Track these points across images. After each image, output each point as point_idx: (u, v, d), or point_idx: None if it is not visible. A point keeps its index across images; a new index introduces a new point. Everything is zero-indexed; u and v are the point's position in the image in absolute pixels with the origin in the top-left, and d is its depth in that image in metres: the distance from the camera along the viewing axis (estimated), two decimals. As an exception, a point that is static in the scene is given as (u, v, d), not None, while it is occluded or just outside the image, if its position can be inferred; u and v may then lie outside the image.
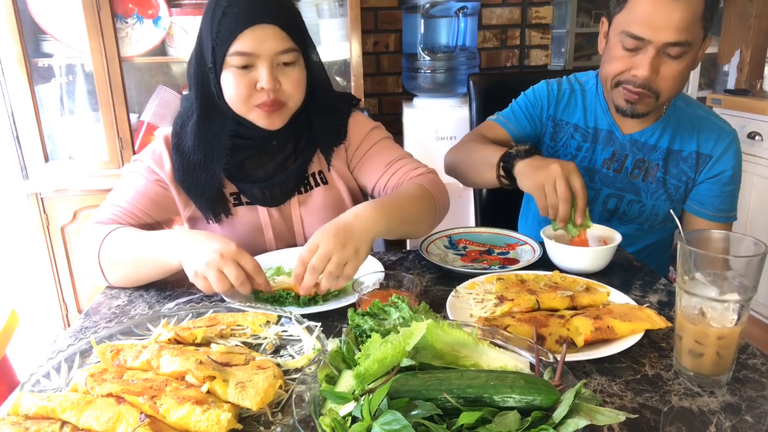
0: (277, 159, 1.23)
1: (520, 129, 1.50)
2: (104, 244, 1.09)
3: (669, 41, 1.19)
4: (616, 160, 1.42)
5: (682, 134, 1.38)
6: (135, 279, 1.12)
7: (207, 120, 1.16)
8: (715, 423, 0.71)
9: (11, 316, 1.22)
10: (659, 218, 1.43)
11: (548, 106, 1.49)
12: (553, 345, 0.84)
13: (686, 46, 1.20)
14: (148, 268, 1.09)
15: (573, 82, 1.49)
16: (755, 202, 2.73)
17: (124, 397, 0.70)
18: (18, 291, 2.48)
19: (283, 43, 1.09)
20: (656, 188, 1.40)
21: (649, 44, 1.20)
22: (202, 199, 1.20)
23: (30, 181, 2.31)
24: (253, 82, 1.10)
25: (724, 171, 1.36)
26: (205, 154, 1.17)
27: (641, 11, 1.20)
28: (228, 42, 1.07)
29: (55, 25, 2.22)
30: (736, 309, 0.75)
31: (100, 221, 1.17)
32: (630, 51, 1.24)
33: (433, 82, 2.51)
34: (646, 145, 1.40)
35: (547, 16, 2.80)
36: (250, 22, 1.06)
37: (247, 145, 1.20)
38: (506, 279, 1.05)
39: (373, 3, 2.66)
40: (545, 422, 0.58)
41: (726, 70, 3.27)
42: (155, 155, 1.22)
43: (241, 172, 1.22)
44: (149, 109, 2.41)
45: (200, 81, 1.15)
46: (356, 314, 0.74)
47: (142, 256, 1.07)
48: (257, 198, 1.24)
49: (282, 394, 0.75)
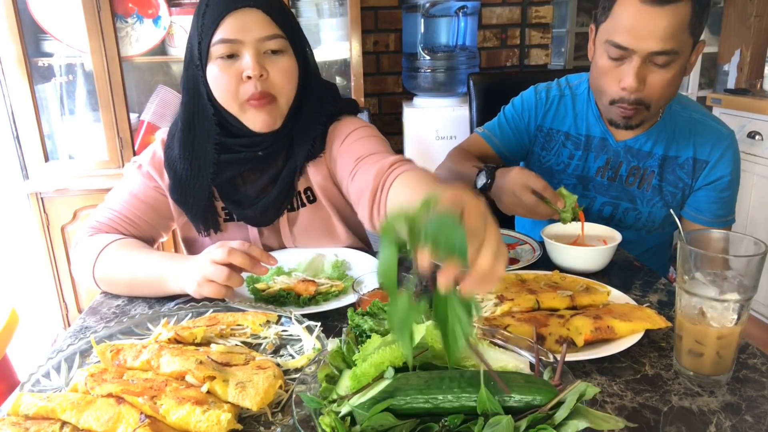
0: (270, 173, 1.18)
1: (504, 143, 1.49)
2: (99, 260, 1.08)
3: (654, 50, 1.15)
4: (611, 168, 1.39)
5: (678, 140, 1.35)
6: (128, 294, 1.11)
7: (191, 129, 1.13)
8: (715, 423, 0.71)
9: (11, 315, 1.22)
10: (656, 224, 1.41)
11: (536, 116, 1.46)
12: (553, 345, 0.84)
13: (673, 54, 1.16)
14: (144, 290, 1.07)
15: (563, 86, 1.46)
16: (755, 202, 2.72)
17: (124, 398, 0.70)
18: (18, 291, 2.48)
19: (267, 29, 1.05)
20: (652, 195, 1.38)
21: (634, 54, 1.17)
22: (193, 210, 1.18)
23: (30, 180, 2.31)
24: (238, 72, 1.05)
25: (721, 177, 1.33)
26: (191, 164, 1.14)
27: (625, 20, 1.16)
28: (211, 31, 1.04)
29: (55, 25, 2.23)
30: (736, 309, 0.75)
31: (96, 225, 1.16)
32: (615, 61, 1.20)
33: (433, 82, 2.51)
34: (640, 152, 1.36)
35: (547, 15, 2.80)
36: (231, 7, 1.04)
37: (232, 160, 1.14)
38: (506, 279, 1.04)
39: (373, 3, 2.66)
40: (545, 422, 0.58)
41: (726, 69, 3.27)
42: (155, 160, 1.20)
43: (231, 188, 1.19)
44: (149, 109, 2.41)
45: (190, 85, 1.12)
46: (356, 314, 0.74)
47: (139, 278, 1.06)
48: (247, 217, 1.21)
49: (282, 394, 0.75)
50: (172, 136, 1.18)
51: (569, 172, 1.43)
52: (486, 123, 1.55)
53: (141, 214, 1.18)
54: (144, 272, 1.05)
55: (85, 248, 1.11)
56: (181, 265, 1.00)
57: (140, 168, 1.21)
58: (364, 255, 1.21)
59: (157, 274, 1.03)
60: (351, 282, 1.05)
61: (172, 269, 1.01)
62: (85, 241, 1.13)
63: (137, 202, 1.18)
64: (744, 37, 3.14)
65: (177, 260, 1.02)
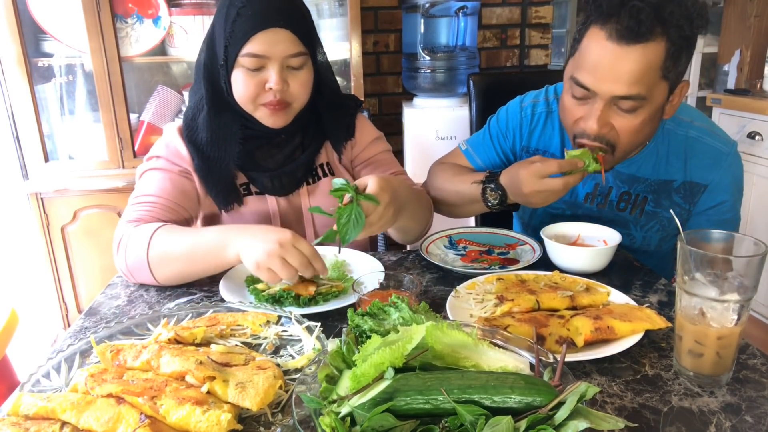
0: (286, 150, 1.27)
1: (486, 161, 1.42)
2: (153, 241, 1.08)
3: (617, 95, 1.05)
4: (599, 194, 1.31)
5: (673, 162, 1.25)
6: (186, 275, 1.11)
7: (218, 112, 1.20)
8: (715, 423, 0.71)
9: (11, 316, 1.22)
10: (652, 247, 1.34)
11: (521, 137, 1.37)
12: (553, 345, 0.84)
13: (639, 99, 1.05)
14: (202, 264, 1.08)
15: (551, 100, 1.35)
16: (755, 202, 2.73)
17: (124, 398, 0.70)
18: (18, 291, 2.48)
19: (293, 47, 1.13)
20: (646, 221, 1.30)
21: (597, 96, 1.07)
22: (217, 188, 1.22)
23: (30, 181, 2.31)
24: (262, 82, 1.14)
25: (723, 202, 1.25)
26: (218, 145, 1.20)
27: (590, 57, 1.06)
28: (240, 43, 1.11)
29: (55, 25, 2.22)
30: (736, 309, 0.75)
31: (138, 217, 1.15)
32: (579, 99, 1.12)
33: (433, 82, 2.51)
34: (630, 177, 1.27)
35: (547, 15, 2.80)
36: (263, 25, 1.10)
37: (256, 135, 1.23)
38: (506, 279, 1.05)
39: (373, 3, 2.66)
40: (545, 423, 0.58)
41: (726, 69, 3.28)
42: (170, 149, 1.24)
43: (251, 162, 1.25)
44: (149, 109, 2.41)
45: (210, 76, 1.19)
46: (356, 314, 0.74)
47: (196, 252, 1.06)
48: (267, 187, 1.27)
49: (282, 394, 0.75)
50: (189, 125, 1.23)
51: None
52: (470, 137, 1.49)
53: (175, 199, 1.20)
54: (202, 242, 1.06)
55: (135, 235, 1.10)
56: (243, 236, 1.02)
57: (158, 159, 1.24)
58: (365, 255, 1.22)
59: (215, 242, 1.05)
60: (351, 282, 1.05)
61: (232, 238, 1.03)
62: (131, 231, 1.11)
63: (168, 189, 1.20)
64: (744, 37, 3.14)
65: (235, 230, 1.05)
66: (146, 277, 1.11)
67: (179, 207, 1.20)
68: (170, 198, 1.19)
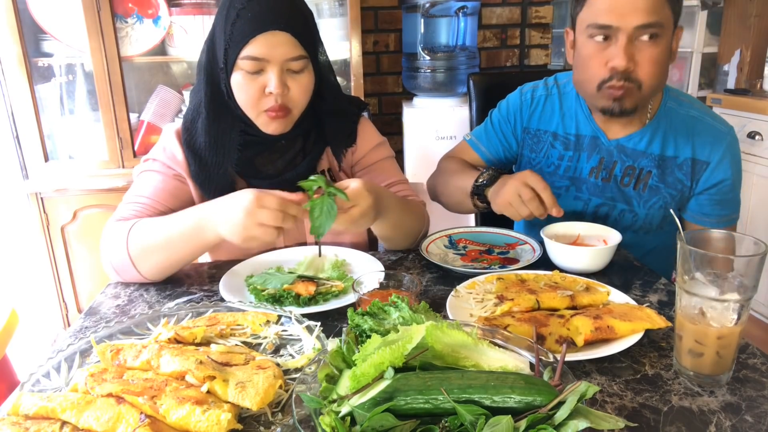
0: (287, 156, 1.25)
1: (491, 150, 1.49)
2: (131, 235, 1.09)
3: (639, 24, 1.14)
4: (604, 168, 1.36)
5: (676, 138, 1.31)
6: (171, 264, 1.11)
7: (216, 117, 1.18)
8: (715, 423, 0.71)
9: (11, 316, 1.22)
10: (654, 225, 1.37)
11: (521, 119, 1.44)
12: (553, 345, 0.84)
13: (658, 27, 1.15)
14: (183, 251, 1.08)
15: (551, 85, 1.43)
16: (755, 202, 2.73)
17: (124, 397, 0.70)
18: (18, 291, 2.48)
19: (294, 50, 1.11)
20: (649, 196, 1.34)
21: (619, 31, 1.15)
22: (215, 195, 1.20)
23: (30, 180, 2.31)
24: (262, 86, 1.12)
25: (723, 180, 1.30)
26: (216, 151, 1.19)
27: (604, 1, 1.16)
28: (240, 45, 1.09)
29: (55, 25, 2.22)
30: (736, 309, 0.75)
31: (122, 218, 1.16)
32: (601, 43, 1.19)
33: (433, 82, 2.51)
34: (635, 151, 1.32)
35: (547, 15, 2.80)
36: (263, 28, 1.08)
37: (256, 140, 1.21)
38: (506, 279, 1.05)
39: (373, 2, 2.66)
40: (545, 422, 0.58)
41: (726, 69, 3.27)
42: (167, 152, 1.23)
43: (251, 169, 1.24)
44: (149, 109, 2.41)
45: (210, 78, 1.18)
46: (356, 314, 0.74)
47: (174, 239, 1.07)
48: None
49: (282, 394, 0.75)
50: (188, 128, 1.22)
51: (560, 173, 1.41)
52: (474, 129, 1.56)
53: (165, 202, 1.20)
54: (177, 227, 1.06)
55: (114, 230, 1.11)
56: (215, 215, 1.02)
57: (155, 161, 1.23)
58: (365, 255, 1.22)
59: (190, 224, 1.05)
60: (351, 282, 1.05)
61: (205, 216, 1.03)
62: (111, 229, 1.13)
63: (160, 192, 1.20)
64: (744, 37, 3.14)
65: (206, 209, 1.05)
66: (132, 274, 1.11)
67: (169, 210, 1.20)
68: (161, 200, 1.19)
